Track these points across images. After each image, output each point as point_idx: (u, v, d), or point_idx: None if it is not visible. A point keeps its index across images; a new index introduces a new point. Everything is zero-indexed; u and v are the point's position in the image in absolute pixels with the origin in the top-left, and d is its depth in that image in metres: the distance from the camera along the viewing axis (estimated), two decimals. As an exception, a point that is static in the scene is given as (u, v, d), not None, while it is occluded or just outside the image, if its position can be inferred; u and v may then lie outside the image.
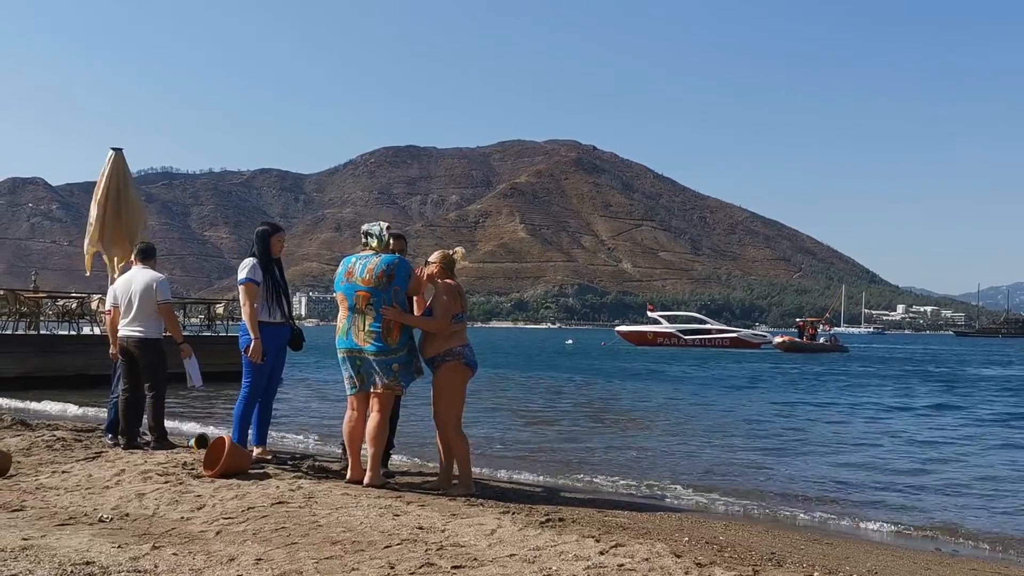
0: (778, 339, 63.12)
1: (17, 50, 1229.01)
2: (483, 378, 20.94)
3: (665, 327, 70.93)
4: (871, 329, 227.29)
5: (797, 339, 61.92)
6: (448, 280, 6.22)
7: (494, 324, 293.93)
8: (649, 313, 76.40)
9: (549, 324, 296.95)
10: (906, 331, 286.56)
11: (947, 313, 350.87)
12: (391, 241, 6.22)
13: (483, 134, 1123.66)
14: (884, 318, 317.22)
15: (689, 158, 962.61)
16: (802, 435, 12.90)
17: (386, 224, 6.25)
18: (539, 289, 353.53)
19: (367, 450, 6.10)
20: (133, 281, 7.49)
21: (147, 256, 7.71)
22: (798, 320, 73.24)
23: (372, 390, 6.07)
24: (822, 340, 62.94)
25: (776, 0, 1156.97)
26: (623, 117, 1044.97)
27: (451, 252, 6.38)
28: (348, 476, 6.22)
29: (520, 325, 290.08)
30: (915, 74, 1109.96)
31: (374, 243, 6.16)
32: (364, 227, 6.29)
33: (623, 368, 34.89)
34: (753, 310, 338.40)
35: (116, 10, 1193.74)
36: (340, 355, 6.13)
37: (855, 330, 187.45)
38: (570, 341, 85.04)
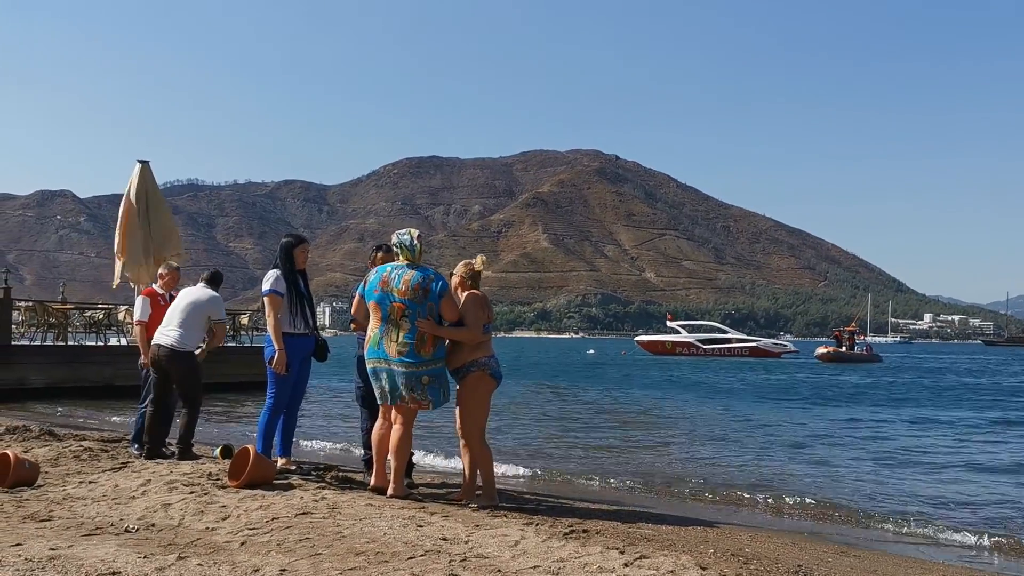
0: (821, 350, 62.83)
1: (44, 63, 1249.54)
2: (508, 388, 20.89)
3: (684, 337, 70.84)
4: (898, 338, 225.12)
5: (839, 349, 61.57)
6: (474, 291, 6.21)
7: (517, 334, 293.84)
8: (669, 323, 76.36)
9: (572, 334, 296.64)
10: (933, 340, 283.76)
11: (975, 322, 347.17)
12: (422, 249, 6.12)
13: (505, 144, 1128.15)
14: (911, 327, 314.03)
15: (713, 167, 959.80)
16: (839, 447, 12.78)
17: (417, 232, 6.14)
18: (562, 299, 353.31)
19: (391, 461, 6.09)
20: (190, 294, 7.54)
21: (212, 281, 7.71)
22: (835, 330, 72.78)
23: (398, 403, 6.05)
24: (856, 350, 62.69)
25: (799, 7, 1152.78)
26: (646, 126, 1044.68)
27: (472, 262, 6.35)
28: (372, 483, 6.20)
29: (543, 335, 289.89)
30: (940, 79, 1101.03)
31: (405, 253, 6.07)
32: (394, 238, 6.15)
33: (642, 378, 34.73)
34: (778, 319, 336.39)
35: (142, 23, 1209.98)
36: (370, 365, 6.06)
37: (881, 339, 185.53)
38: (592, 351, 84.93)
